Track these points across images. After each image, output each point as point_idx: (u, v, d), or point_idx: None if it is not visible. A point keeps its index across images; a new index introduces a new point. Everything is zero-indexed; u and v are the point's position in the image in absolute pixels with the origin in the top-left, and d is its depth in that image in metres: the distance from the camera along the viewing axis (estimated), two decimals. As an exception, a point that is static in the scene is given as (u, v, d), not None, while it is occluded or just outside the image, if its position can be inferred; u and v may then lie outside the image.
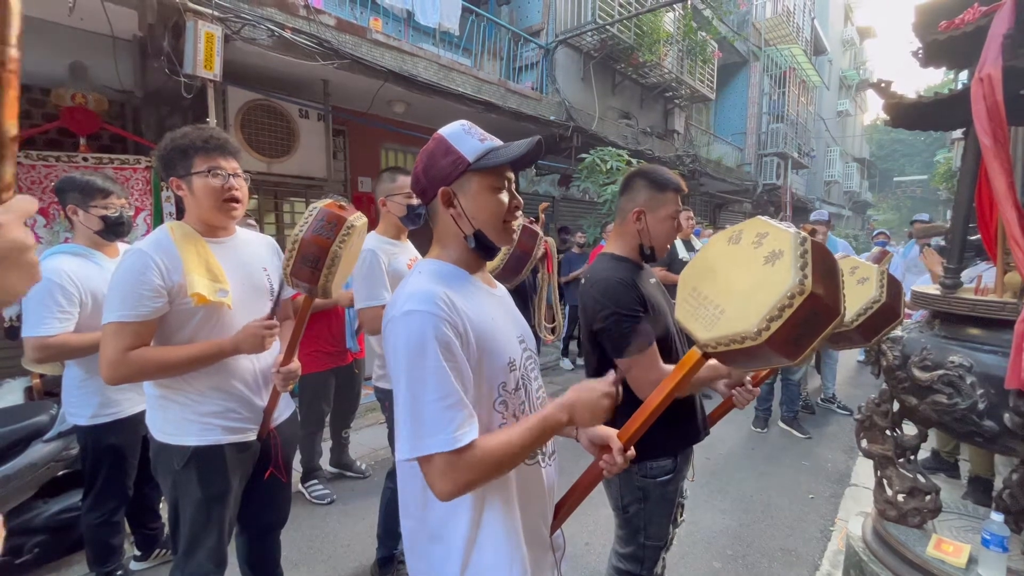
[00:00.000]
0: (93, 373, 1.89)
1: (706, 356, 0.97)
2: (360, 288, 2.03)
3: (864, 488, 3.11)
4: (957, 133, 6.80)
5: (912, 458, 2.05)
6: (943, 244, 3.89)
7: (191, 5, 3.35)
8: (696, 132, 11.30)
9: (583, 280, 1.62)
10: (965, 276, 2.04)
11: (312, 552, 2.53)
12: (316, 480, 3.04)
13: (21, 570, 2.18)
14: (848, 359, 6.60)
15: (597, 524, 2.70)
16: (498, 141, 0.99)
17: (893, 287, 1.41)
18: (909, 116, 2.04)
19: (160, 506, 2.38)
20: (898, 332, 1.97)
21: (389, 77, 4.68)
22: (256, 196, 4.93)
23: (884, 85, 2.02)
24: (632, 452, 1.04)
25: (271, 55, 3.95)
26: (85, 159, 3.31)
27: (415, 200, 2.12)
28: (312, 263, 1.43)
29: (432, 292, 0.89)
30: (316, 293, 1.47)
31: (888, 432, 2.03)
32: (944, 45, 1.88)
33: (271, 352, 1.57)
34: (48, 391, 2.74)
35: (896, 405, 2.01)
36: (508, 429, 0.91)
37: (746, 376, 1.50)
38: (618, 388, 0.95)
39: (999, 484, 1.98)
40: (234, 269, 1.50)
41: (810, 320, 0.83)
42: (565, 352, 6.39)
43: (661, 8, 7.73)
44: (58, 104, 3.53)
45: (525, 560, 0.97)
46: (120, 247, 2.11)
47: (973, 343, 1.77)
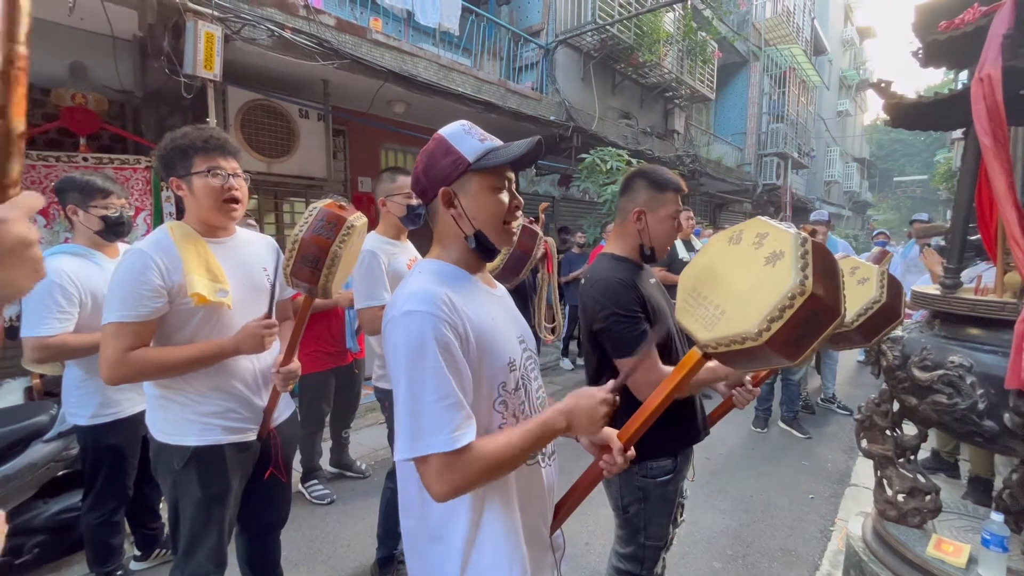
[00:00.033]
0: (93, 373, 1.89)
1: (706, 356, 0.97)
2: (360, 288, 2.02)
3: (864, 488, 3.11)
4: (957, 133, 6.80)
5: (912, 458, 2.05)
6: (943, 244, 3.89)
7: (191, 5, 3.35)
8: (696, 132, 11.30)
9: (583, 280, 1.61)
10: (965, 276, 2.04)
11: (312, 552, 2.53)
12: (316, 480, 3.04)
13: (21, 570, 2.18)
14: (848, 359, 6.59)
15: (597, 524, 2.70)
16: (498, 141, 0.99)
17: (893, 287, 1.41)
18: (909, 116, 2.04)
19: (160, 506, 2.38)
20: (898, 332, 1.97)
21: (389, 77, 4.68)
22: (256, 196, 4.93)
23: (884, 85, 2.02)
24: (632, 452, 1.05)
25: (271, 55, 3.95)
26: (85, 159, 3.31)
27: (415, 200, 2.12)
28: (312, 263, 1.43)
29: (432, 292, 0.89)
30: (316, 293, 1.47)
31: (888, 432, 2.03)
32: (944, 45, 1.88)
33: (271, 352, 1.57)
34: (48, 391, 2.74)
35: (896, 405, 2.01)
36: (506, 433, 0.91)
37: (746, 376, 1.50)
38: (616, 395, 0.95)
39: (999, 484, 1.98)
40: (234, 269, 1.50)
41: (811, 321, 0.84)
42: (565, 352, 6.39)
43: (661, 8, 7.73)
44: (58, 104, 3.53)
45: (525, 560, 0.97)
46: (120, 247, 2.11)
47: (973, 343, 1.77)
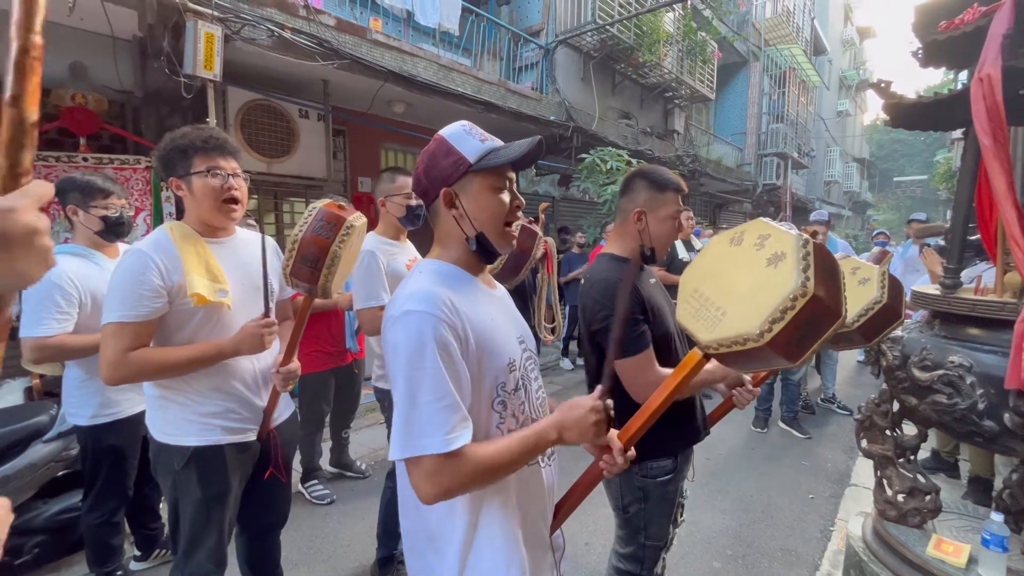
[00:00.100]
0: (93, 373, 1.89)
1: (707, 357, 0.97)
2: (359, 289, 2.02)
3: (864, 488, 3.11)
4: (957, 133, 6.80)
5: (912, 458, 2.05)
6: (943, 244, 3.89)
7: (191, 5, 3.35)
8: (696, 132, 11.31)
9: (583, 280, 1.61)
10: (965, 276, 2.04)
11: (312, 552, 2.53)
12: (316, 480, 3.04)
13: (21, 570, 2.18)
14: (848, 359, 6.60)
15: (597, 524, 2.70)
16: (499, 141, 0.99)
17: (894, 288, 1.42)
18: (909, 116, 2.03)
19: (160, 506, 2.37)
20: (898, 332, 1.97)
21: (389, 77, 4.68)
22: (256, 196, 4.93)
23: (884, 85, 2.01)
24: (632, 452, 1.04)
25: (271, 55, 3.95)
26: (85, 159, 3.31)
27: (414, 200, 2.12)
28: (312, 263, 1.43)
29: (433, 293, 0.89)
30: (316, 293, 1.47)
31: (888, 432, 2.03)
32: (944, 45, 1.88)
33: (271, 352, 1.57)
34: (48, 391, 2.74)
35: (896, 405, 2.01)
36: (499, 440, 0.90)
37: (746, 376, 1.50)
38: (606, 403, 0.95)
39: (999, 484, 1.98)
40: (234, 269, 1.50)
41: (812, 322, 0.84)
42: (565, 352, 6.39)
43: (661, 8, 7.74)
44: (58, 104, 3.53)
45: (524, 561, 0.97)
46: (120, 247, 2.10)
47: (973, 343, 1.77)
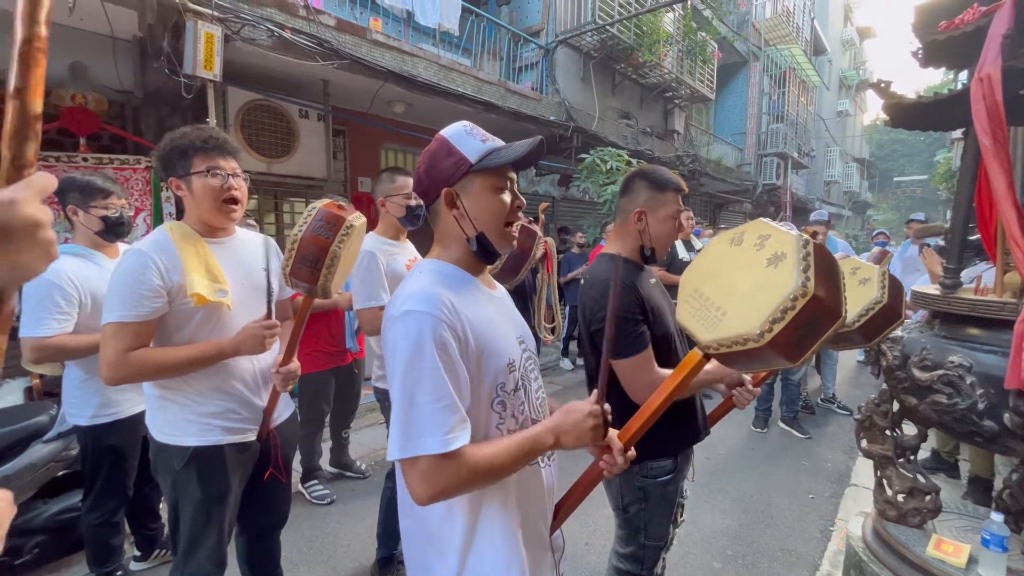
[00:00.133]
0: (93, 374, 1.89)
1: (707, 357, 0.97)
2: (358, 289, 2.02)
3: (864, 488, 3.11)
4: (957, 133, 6.80)
5: (912, 458, 2.05)
6: (943, 244, 3.90)
7: (191, 5, 3.35)
8: (696, 132, 11.31)
9: (583, 280, 1.61)
10: (965, 276, 2.04)
11: (312, 552, 2.53)
12: (316, 480, 3.04)
13: (21, 570, 2.17)
14: (848, 359, 6.60)
15: (597, 524, 2.70)
16: (500, 141, 0.99)
17: (894, 288, 1.42)
18: (909, 116, 2.03)
19: (160, 506, 2.37)
20: (898, 332, 1.97)
21: (389, 77, 4.68)
22: (256, 196, 4.93)
23: (884, 85, 2.02)
24: (632, 452, 1.04)
25: (271, 55, 3.95)
26: (85, 159, 3.31)
27: (414, 201, 2.12)
28: (311, 263, 1.43)
29: (433, 293, 0.89)
30: (315, 293, 1.47)
31: (888, 432, 2.03)
32: (944, 45, 1.88)
33: (271, 352, 1.57)
34: (48, 391, 2.74)
35: (896, 405, 2.01)
36: (496, 443, 0.90)
37: (746, 376, 1.50)
38: (603, 407, 0.95)
39: (999, 484, 1.98)
40: (234, 269, 1.50)
41: (812, 322, 0.84)
42: (565, 352, 6.39)
43: (661, 8, 7.74)
44: (58, 104, 3.53)
45: (523, 561, 0.97)
46: (120, 247, 2.10)
47: (973, 343, 1.77)
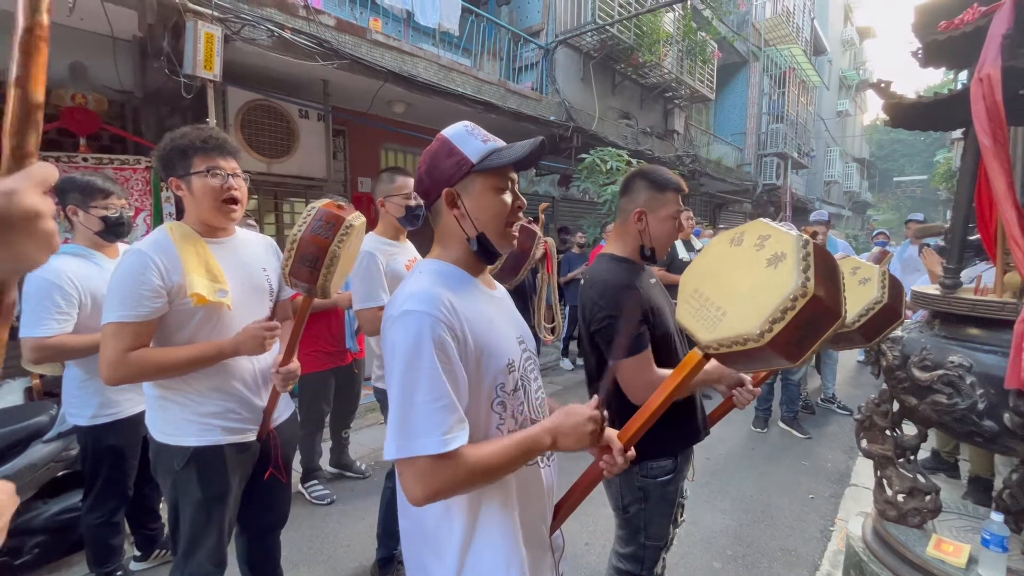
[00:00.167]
0: (93, 374, 1.89)
1: (707, 357, 0.97)
2: (358, 289, 2.02)
3: (864, 488, 3.11)
4: (957, 133, 6.80)
5: (912, 458, 2.05)
6: (942, 244, 3.89)
7: (191, 5, 3.35)
8: (696, 132, 11.31)
9: (583, 280, 1.61)
10: (965, 276, 2.04)
11: (312, 552, 2.53)
12: (316, 480, 3.04)
13: (21, 570, 2.17)
14: (848, 359, 6.60)
15: (597, 524, 2.70)
16: (501, 142, 0.99)
17: (894, 288, 1.42)
18: (909, 116, 2.03)
19: (160, 506, 2.37)
20: (898, 332, 1.97)
21: (389, 77, 4.68)
22: (256, 196, 4.92)
23: (884, 85, 2.01)
24: (632, 453, 1.05)
25: (271, 55, 3.94)
26: (85, 159, 3.31)
27: (413, 201, 2.12)
28: (311, 263, 1.43)
29: (433, 293, 0.89)
30: (315, 293, 1.47)
31: (888, 432, 2.03)
32: (944, 45, 1.88)
33: (271, 352, 1.57)
34: (48, 391, 2.74)
35: (896, 405, 2.01)
36: (493, 443, 0.90)
37: (746, 376, 1.50)
38: (603, 412, 0.95)
39: (999, 484, 1.98)
40: (234, 269, 1.50)
41: (812, 322, 0.84)
42: (565, 352, 6.39)
43: (661, 8, 7.74)
44: (58, 104, 3.53)
45: (523, 561, 0.97)
46: (120, 247, 2.10)
47: (973, 343, 1.77)
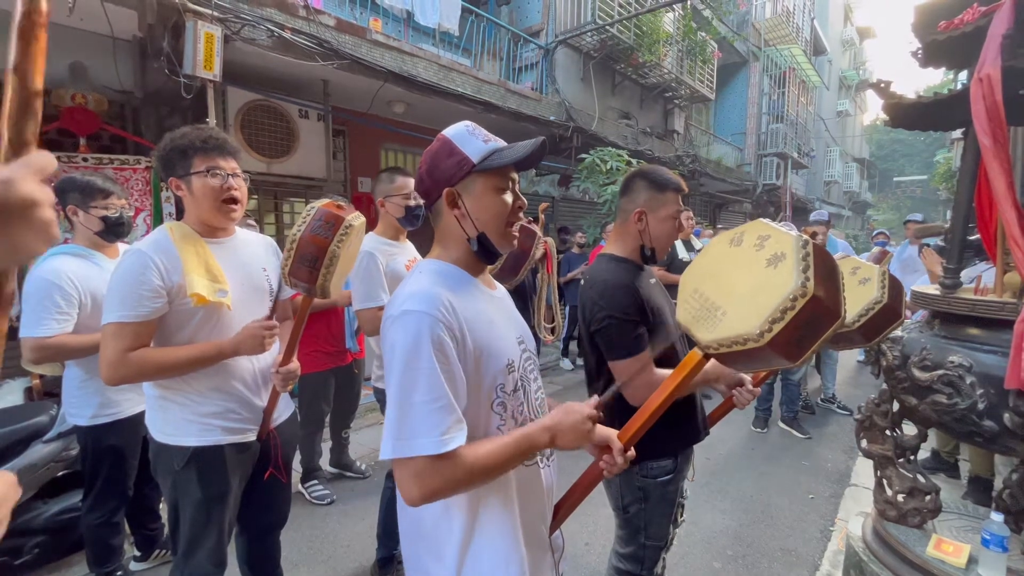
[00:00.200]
0: (93, 374, 1.89)
1: (707, 357, 0.97)
2: (358, 289, 2.02)
3: (864, 488, 3.11)
4: (957, 133, 6.80)
5: (912, 458, 2.05)
6: (942, 244, 3.89)
7: (191, 5, 3.35)
8: (696, 132, 11.31)
9: (583, 281, 1.61)
10: (965, 276, 2.04)
11: (312, 552, 2.53)
12: (316, 480, 3.04)
13: (21, 570, 2.17)
14: (848, 359, 6.60)
15: (597, 524, 2.70)
16: (502, 142, 0.99)
17: (894, 288, 1.42)
18: (909, 116, 2.03)
19: (160, 506, 2.37)
20: (898, 332, 1.97)
21: (389, 77, 4.68)
22: (256, 196, 4.92)
23: (884, 85, 2.02)
24: (632, 452, 1.04)
25: (271, 55, 3.95)
26: (85, 159, 3.31)
27: (413, 201, 2.12)
28: (310, 263, 1.43)
29: (432, 294, 0.89)
30: (315, 293, 1.47)
31: (888, 432, 2.03)
32: (943, 45, 1.88)
33: (271, 352, 1.57)
34: (48, 391, 2.74)
35: (896, 405, 2.01)
36: (489, 442, 0.89)
37: (746, 376, 1.50)
38: (601, 411, 0.95)
39: (999, 484, 1.98)
40: (234, 270, 1.50)
41: (812, 322, 0.84)
42: (565, 352, 6.39)
43: (661, 8, 7.74)
44: (58, 104, 3.53)
45: (523, 562, 0.97)
46: (120, 248, 2.10)
47: (973, 343, 1.77)
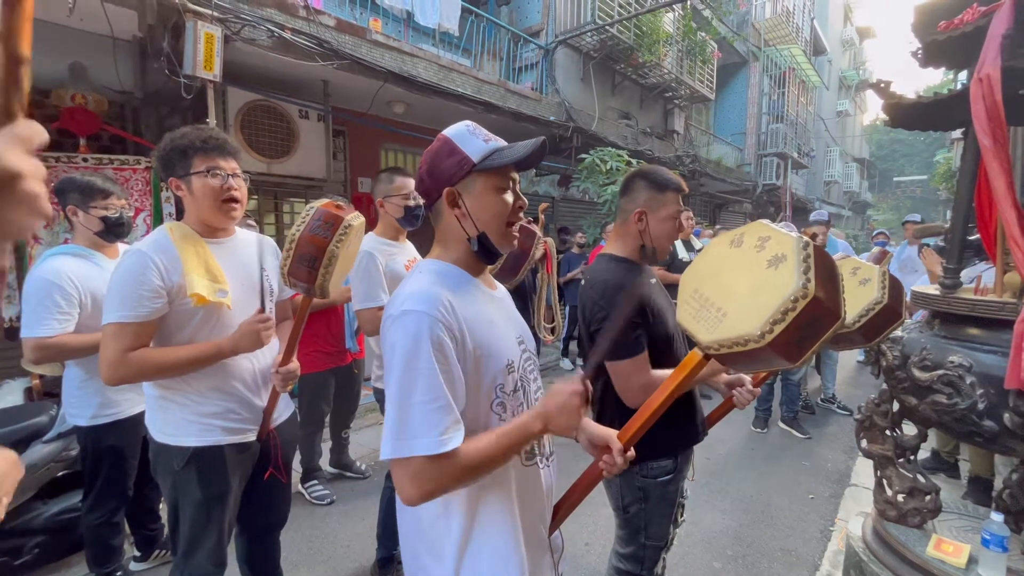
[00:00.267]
0: (93, 374, 1.89)
1: (707, 358, 0.97)
2: (357, 289, 2.02)
3: (864, 488, 3.11)
4: (957, 133, 6.80)
5: (912, 458, 2.05)
6: (942, 244, 3.89)
7: (191, 6, 3.35)
8: (696, 132, 11.31)
9: (583, 280, 1.61)
10: (965, 276, 2.04)
11: (312, 552, 2.53)
12: (316, 480, 3.04)
13: (21, 570, 2.17)
14: (848, 359, 6.60)
15: (597, 524, 2.70)
16: (502, 141, 0.99)
17: (894, 288, 1.42)
18: (909, 116, 2.03)
19: (160, 507, 2.37)
20: (898, 332, 1.97)
21: (389, 77, 4.68)
22: (256, 197, 4.92)
23: (884, 85, 2.02)
24: (632, 453, 1.04)
25: (271, 56, 3.94)
26: (85, 160, 3.31)
27: (412, 201, 2.12)
28: (309, 263, 1.43)
29: (432, 294, 0.89)
30: (314, 292, 1.47)
31: (888, 432, 2.03)
32: (943, 45, 1.88)
33: (270, 352, 1.57)
34: (48, 392, 2.74)
35: (896, 405, 2.01)
36: (480, 439, 0.89)
37: (746, 376, 1.50)
38: (587, 384, 0.92)
39: (999, 484, 1.98)
40: (233, 270, 1.50)
41: (812, 323, 0.84)
42: (565, 352, 6.39)
43: (661, 8, 7.74)
44: (58, 105, 3.52)
45: (523, 562, 0.97)
46: (120, 248, 2.10)
47: (973, 343, 1.77)
